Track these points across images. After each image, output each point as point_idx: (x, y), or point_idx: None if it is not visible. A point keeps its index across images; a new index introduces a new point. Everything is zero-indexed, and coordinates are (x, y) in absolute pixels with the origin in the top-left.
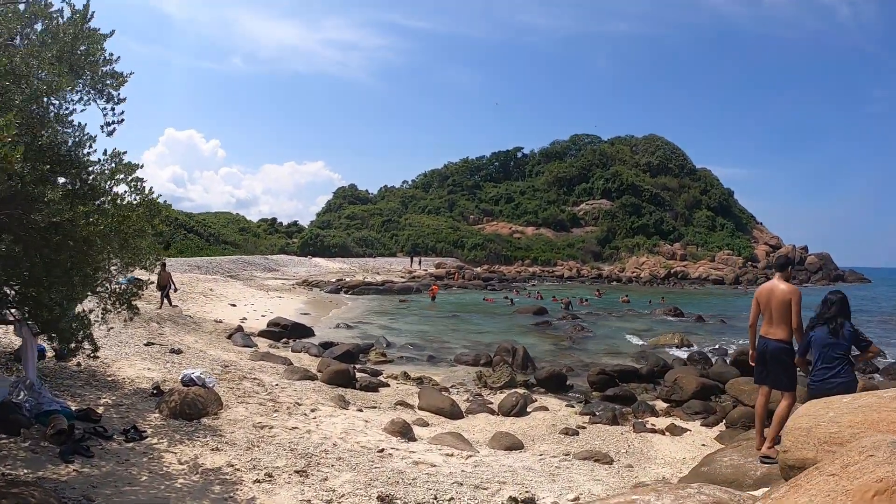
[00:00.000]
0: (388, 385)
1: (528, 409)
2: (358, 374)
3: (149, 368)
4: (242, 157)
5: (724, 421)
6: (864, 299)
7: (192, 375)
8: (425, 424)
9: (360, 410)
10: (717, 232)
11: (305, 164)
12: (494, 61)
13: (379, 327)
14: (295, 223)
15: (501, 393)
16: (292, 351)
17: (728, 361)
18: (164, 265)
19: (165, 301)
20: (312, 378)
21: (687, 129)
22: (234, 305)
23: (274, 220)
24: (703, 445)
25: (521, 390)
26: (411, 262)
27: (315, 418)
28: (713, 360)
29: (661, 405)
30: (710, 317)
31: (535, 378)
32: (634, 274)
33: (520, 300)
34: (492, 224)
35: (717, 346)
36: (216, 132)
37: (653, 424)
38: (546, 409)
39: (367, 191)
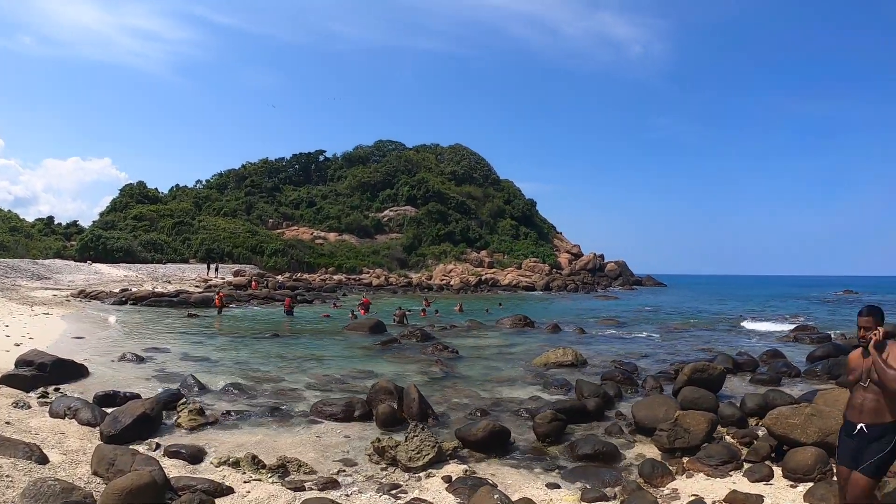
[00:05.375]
0: (230, 490)
1: None
2: (171, 469)
3: None
4: (22, 149)
5: (782, 468)
6: (677, 302)
7: None
8: None
9: None
10: (522, 240)
11: (91, 161)
12: (300, 65)
13: (181, 357)
14: (75, 223)
15: (428, 477)
16: (51, 415)
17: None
18: None
19: None
20: None
21: (490, 144)
22: None
23: (51, 219)
24: None
25: (457, 466)
26: (207, 269)
27: None
28: (640, 380)
29: (652, 452)
30: (563, 325)
31: (461, 438)
32: (444, 281)
33: (338, 312)
34: (292, 229)
35: (613, 361)
36: None
37: (699, 496)
38: (531, 502)
39: (156, 189)
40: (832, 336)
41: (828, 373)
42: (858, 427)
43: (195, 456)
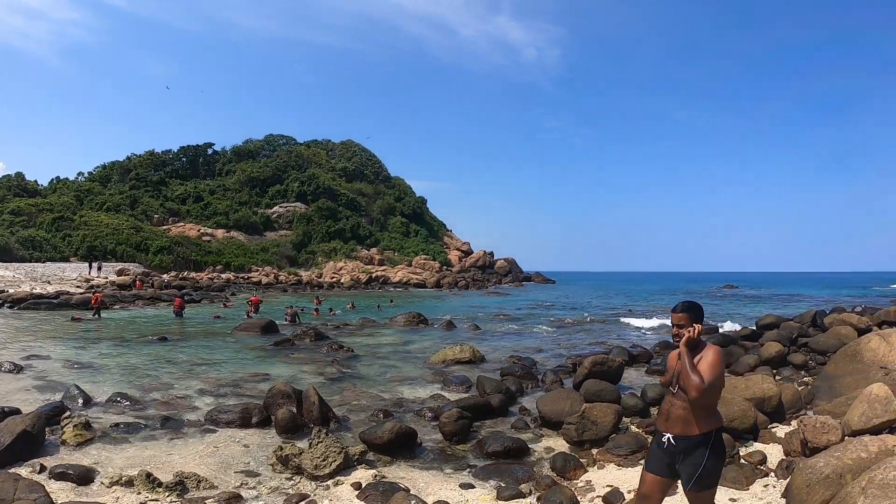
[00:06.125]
0: None
1: None
2: (59, 494)
3: None
4: None
5: None
6: (566, 298)
7: None
8: None
9: None
10: (412, 238)
11: None
12: (191, 53)
13: (63, 366)
14: None
15: (336, 485)
16: None
17: (576, 374)
18: None
19: None
20: None
21: (382, 142)
22: None
23: None
24: (761, 499)
25: (365, 472)
26: (90, 268)
27: None
28: (539, 375)
29: (560, 445)
30: (457, 321)
31: (367, 441)
32: (334, 279)
33: (228, 312)
34: (178, 225)
35: (511, 356)
36: None
37: (614, 486)
38: None
39: (36, 182)
40: (719, 328)
41: None
42: (666, 437)
43: (84, 476)
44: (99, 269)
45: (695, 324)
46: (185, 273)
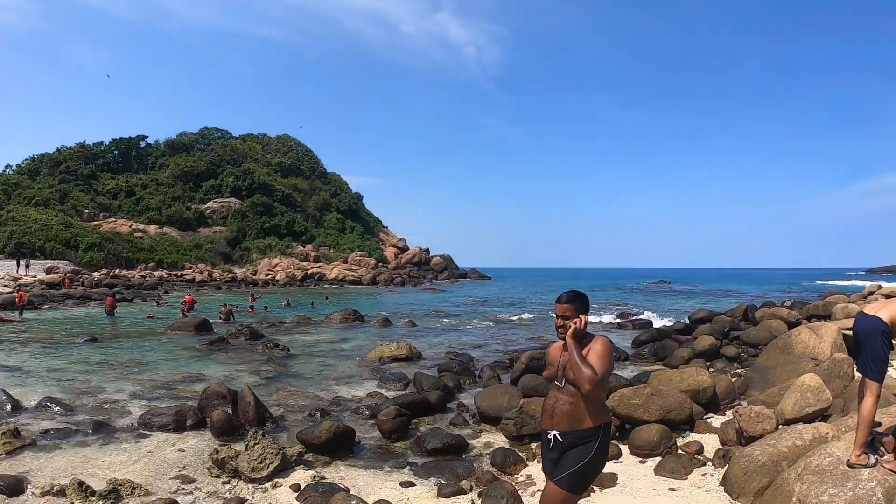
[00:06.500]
0: None
1: None
2: None
3: None
4: None
5: (629, 446)
6: (502, 293)
7: None
8: None
9: None
10: (348, 234)
11: None
12: (126, 41)
13: None
14: None
15: (275, 487)
16: None
17: (515, 370)
18: None
19: None
20: None
21: (319, 137)
22: None
23: None
24: (700, 488)
25: (304, 472)
26: (17, 266)
27: None
28: (477, 371)
29: (500, 440)
30: (393, 318)
31: (304, 441)
32: (269, 276)
33: (161, 311)
34: (109, 221)
35: (447, 352)
36: None
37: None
38: None
39: None
40: (653, 322)
41: (654, 355)
42: (552, 435)
43: (15, 487)
44: (27, 267)
45: (581, 315)
46: (117, 271)
